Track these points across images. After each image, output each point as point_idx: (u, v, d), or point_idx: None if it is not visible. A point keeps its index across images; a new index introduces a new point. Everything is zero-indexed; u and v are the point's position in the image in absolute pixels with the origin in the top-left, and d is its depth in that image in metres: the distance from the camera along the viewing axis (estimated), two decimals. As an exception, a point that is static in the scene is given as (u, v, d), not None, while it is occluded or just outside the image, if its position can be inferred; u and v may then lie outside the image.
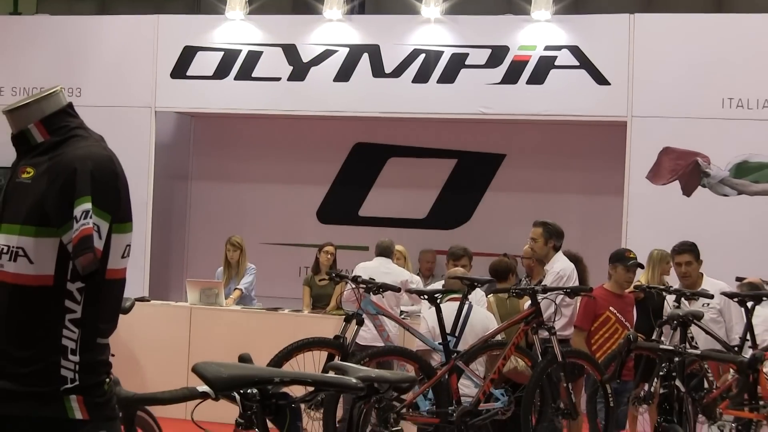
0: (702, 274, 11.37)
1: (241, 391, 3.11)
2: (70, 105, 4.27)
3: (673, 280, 11.99)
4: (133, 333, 13.99)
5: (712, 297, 10.74)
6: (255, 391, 3.82)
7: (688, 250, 11.25)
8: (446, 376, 8.99)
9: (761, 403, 9.64)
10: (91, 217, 3.84)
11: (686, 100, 16.04)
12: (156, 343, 14.76)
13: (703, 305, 10.74)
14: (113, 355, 4.21)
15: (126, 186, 4.09)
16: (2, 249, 3.94)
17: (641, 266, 11.85)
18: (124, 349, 12.05)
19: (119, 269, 3.97)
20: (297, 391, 3.94)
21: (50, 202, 3.90)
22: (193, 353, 13.71)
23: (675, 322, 9.30)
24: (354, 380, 3.25)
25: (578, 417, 10.15)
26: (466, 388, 9.40)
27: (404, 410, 8.74)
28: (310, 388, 3.33)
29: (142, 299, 15.79)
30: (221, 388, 3.08)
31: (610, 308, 11.34)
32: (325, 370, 4.64)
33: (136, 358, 14.49)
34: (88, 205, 3.85)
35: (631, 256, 11.69)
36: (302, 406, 3.41)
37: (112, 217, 3.92)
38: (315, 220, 19.60)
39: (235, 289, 15.32)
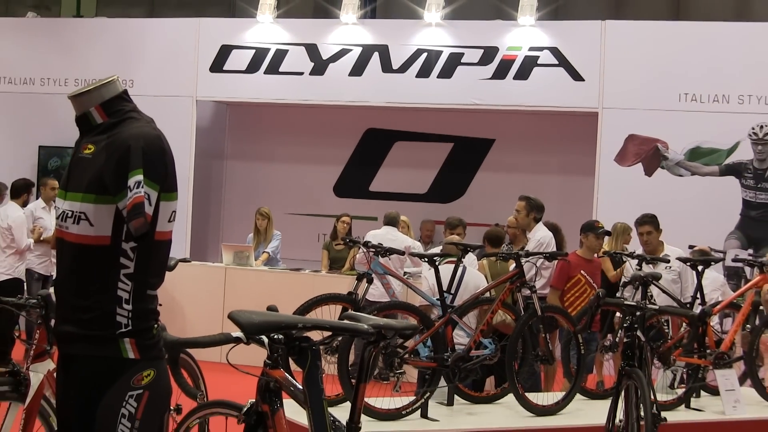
0: (662, 242, 11.43)
1: (270, 336, 3.11)
2: (125, 92, 4.28)
3: (635, 249, 12.02)
4: (177, 288, 14.05)
5: (668, 261, 10.78)
6: (281, 336, 3.84)
7: (648, 221, 11.35)
8: (443, 328, 8.99)
9: (708, 351, 9.68)
10: (142, 187, 3.85)
11: (648, 94, 16.27)
12: (196, 298, 14.85)
13: (665, 268, 10.81)
14: (161, 305, 4.22)
15: (172, 161, 4.10)
16: (67, 213, 3.95)
17: (608, 233, 11.93)
18: (169, 302, 12.06)
19: (166, 232, 3.98)
20: (317, 337, 3.96)
21: (108, 174, 3.90)
22: (227, 307, 13.73)
23: (637, 282, 9.35)
24: (366, 326, 3.25)
25: (554, 362, 10.17)
26: (460, 337, 9.40)
27: (407, 356, 8.75)
28: (328, 334, 3.33)
29: (184, 260, 15.73)
30: (253, 333, 3.09)
31: (581, 271, 11.43)
32: (340, 320, 4.64)
33: (180, 310, 14.54)
34: (140, 177, 3.86)
35: (600, 225, 11.84)
36: (321, 349, 3.41)
37: (160, 187, 3.93)
38: (332, 194, 19.70)
39: (264, 252, 15.38)
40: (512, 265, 9.64)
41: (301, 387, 3.60)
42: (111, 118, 4.15)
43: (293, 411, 4.49)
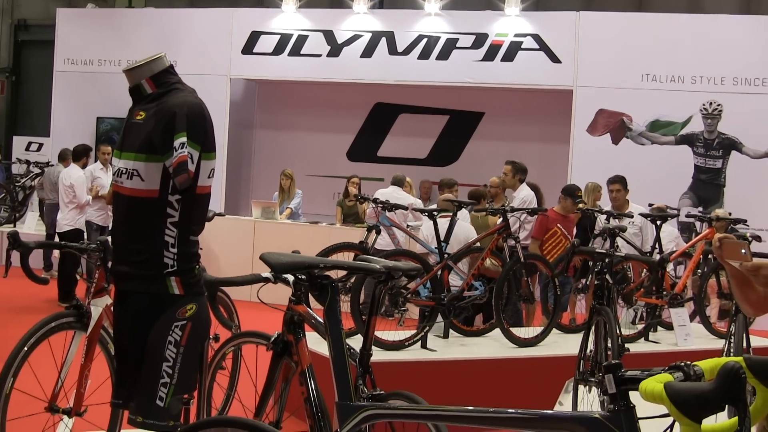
0: (628, 201, 11.43)
1: (295, 275, 3.09)
2: (171, 66, 4.27)
3: (603, 206, 12.01)
4: (213, 238, 14.07)
5: (632, 217, 10.79)
6: (303, 276, 3.81)
7: (618, 180, 11.37)
8: (440, 272, 8.97)
9: (664, 292, 9.68)
10: (186, 148, 3.83)
11: (616, 74, 16.34)
12: (229, 246, 14.88)
13: (629, 223, 10.84)
14: (201, 249, 4.21)
15: (212, 125, 4.09)
16: (122, 170, 3.93)
17: (583, 202, 11.92)
18: (207, 249, 12.05)
19: (206, 186, 3.96)
20: (334, 276, 3.93)
21: (156, 136, 3.88)
22: (256, 254, 13.67)
23: (606, 234, 9.33)
24: (377, 266, 3.23)
25: (534, 302, 10.17)
26: (454, 280, 9.38)
27: (409, 296, 8.74)
28: (344, 273, 3.30)
29: (219, 214, 15.84)
30: (280, 271, 3.07)
31: (558, 225, 11.41)
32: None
33: (216, 256, 14.55)
34: (183, 139, 3.84)
35: (579, 194, 11.84)
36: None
37: (201, 148, 3.91)
38: (345, 158, 19.77)
39: (287, 208, 15.39)
40: (499, 219, 9.63)
41: (321, 320, 3.58)
42: (159, 89, 4.14)
43: (314, 342, 4.47)
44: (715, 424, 2.21)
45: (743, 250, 3.92)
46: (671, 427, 2.15)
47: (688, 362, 2.18)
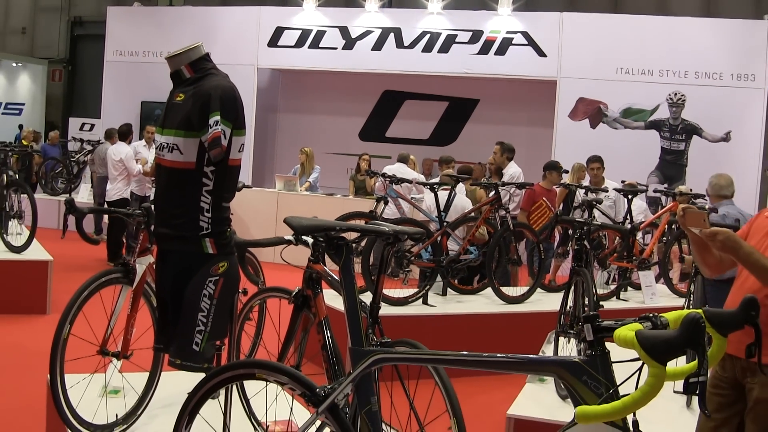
0: (604, 178, 11.47)
1: (314, 236, 3.09)
2: (207, 54, 4.26)
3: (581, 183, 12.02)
4: (242, 207, 14.11)
5: (607, 191, 10.84)
6: (322, 238, 3.82)
7: (597, 159, 11.42)
8: (439, 238, 8.98)
9: (634, 257, 9.72)
10: (219, 125, 3.83)
11: (594, 67, 16.43)
12: (256, 214, 14.91)
13: (605, 197, 10.88)
14: (232, 214, 4.21)
15: (242, 106, 4.09)
16: (163, 145, 3.93)
17: (567, 171, 11.94)
18: (236, 217, 12.07)
19: (237, 159, 3.96)
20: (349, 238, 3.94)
21: (194, 115, 3.88)
22: (278, 220, 13.72)
23: (584, 206, 9.34)
24: (387, 229, 3.23)
25: (521, 264, 10.19)
26: (452, 245, 9.39)
27: (413, 258, 8.76)
28: (357, 235, 3.30)
29: (247, 186, 15.87)
30: (301, 233, 3.07)
31: (544, 198, 11.40)
32: (365, 228, 4.62)
33: (244, 223, 14.58)
34: (217, 117, 3.84)
35: (560, 166, 11.79)
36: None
37: (232, 125, 3.91)
38: (357, 138, 19.87)
39: (306, 181, 15.37)
40: (491, 192, 9.63)
41: (336, 277, 3.57)
42: (196, 74, 4.14)
43: (330, 299, 4.48)
44: (677, 368, 2.22)
45: (703, 219, 3.96)
46: (640, 369, 2.15)
47: (656, 314, 2.19)
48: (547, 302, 9.16)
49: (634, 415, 2.19)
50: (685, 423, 5.14)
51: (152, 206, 4.53)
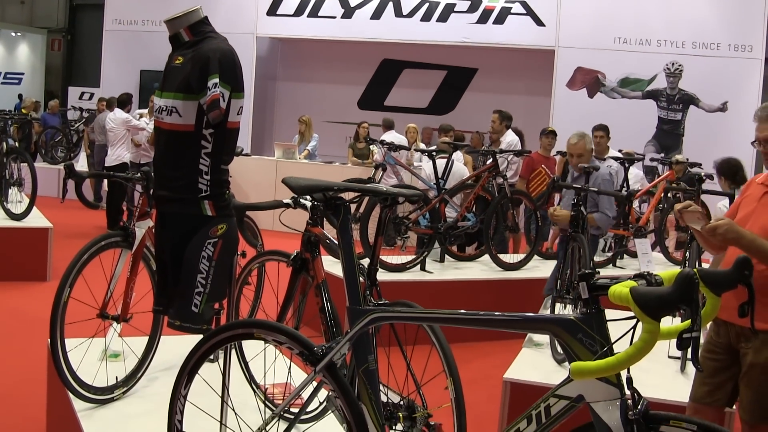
0: (609, 147, 11.45)
1: (312, 196, 3.08)
2: (206, 18, 4.24)
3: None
4: (241, 175, 14.10)
5: (605, 160, 10.83)
6: (320, 203, 3.82)
7: (602, 128, 11.36)
8: (438, 205, 8.98)
9: (630, 225, 9.72)
10: (218, 87, 3.81)
11: (592, 37, 16.38)
12: (255, 181, 14.90)
13: (607, 166, 10.87)
14: (231, 177, 4.20)
15: (241, 69, 4.07)
16: (162, 108, 3.92)
17: (554, 133, 11.90)
18: (235, 185, 12.08)
19: (235, 122, 3.94)
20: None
21: (193, 78, 3.87)
22: (278, 188, 13.77)
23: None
24: (384, 188, 3.23)
25: (518, 231, 10.21)
26: (449, 212, 9.40)
27: (411, 225, 8.76)
28: (356, 195, 3.30)
29: (246, 154, 15.89)
30: (300, 193, 3.06)
31: (543, 166, 11.39)
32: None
33: (243, 191, 14.57)
34: (216, 80, 3.82)
35: (550, 129, 11.81)
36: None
37: (231, 88, 3.89)
38: (356, 107, 19.87)
39: (305, 149, 15.36)
40: (489, 160, 9.62)
41: (334, 240, 3.57)
42: (195, 37, 4.12)
43: (328, 265, 4.49)
44: (671, 326, 2.23)
45: (699, 217, 4.05)
46: (634, 327, 2.16)
47: (650, 272, 2.19)
48: (544, 269, 9.17)
49: (629, 372, 2.20)
50: (680, 388, 5.17)
51: (151, 170, 4.53)
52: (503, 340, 8.06)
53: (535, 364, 5.92)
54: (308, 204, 4.05)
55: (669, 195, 10.26)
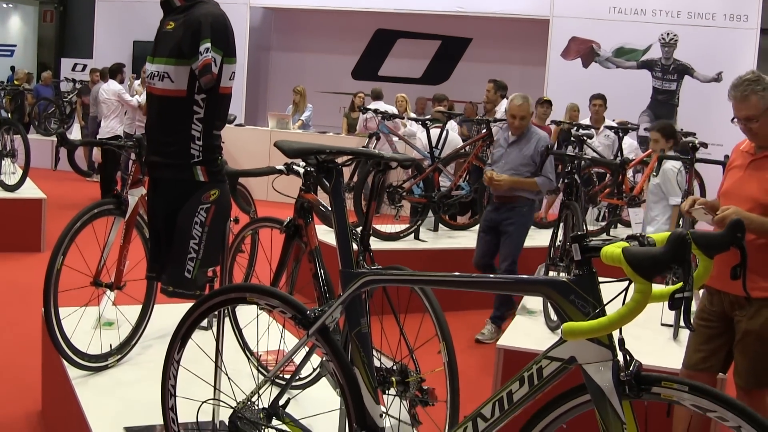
0: (605, 117, 11.47)
1: (305, 160, 3.07)
2: None
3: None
4: (235, 145, 14.07)
5: (597, 128, 10.86)
6: (313, 168, 3.81)
7: (600, 97, 11.46)
8: (431, 174, 8.98)
9: (624, 194, 9.72)
10: (210, 52, 3.79)
11: (587, 6, 16.35)
12: (248, 150, 14.86)
13: (604, 136, 10.93)
14: (223, 143, 4.18)
15: (233, 34, 4.04)
16: (154, 73, 3.90)
17: (550, 102, 11.89)
18: (229, 155, 12.05)
19: (227, 87, 3.92)
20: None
21: (185, 43, 3.84)
22: (271, 158, 13.74)
23: (575, 140, 9.35)
24: (377, 152, 3.22)
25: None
26: (443, 181, 9.40)
27: (405, 193, 8.76)
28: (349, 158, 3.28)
29: (240, 125, 15.86)
30: (292, 156, 3.04)
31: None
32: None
33: (237, 160, 14.52)
34: (208, 44, 3.80)
35: (545, 98, 11.79)
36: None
37: (223, 53, 3.87)
38: (350, 77, 19.84)
39: (299, 120, 15.34)
40: (483, 129, 9.62)
41: (327, 206, 3.56)
42: (187, 2, 4.08)
43: (321, 234, 4.49)
44: (663, 289, 2.23)
45: (704, 212, 4.15)
46: (627, 288, 2.16)
47: (643, 234, 2.19)
48: (538, 238, 9.16)
49: (620, 333, 2.20)
50: (672, 355, 5.19)
51: (144, 137, 4.51)
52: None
53: (529, 331, 5.93)
54: (301, 170, 4.04)
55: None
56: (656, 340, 5.70)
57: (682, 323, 5.74)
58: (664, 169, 7.35)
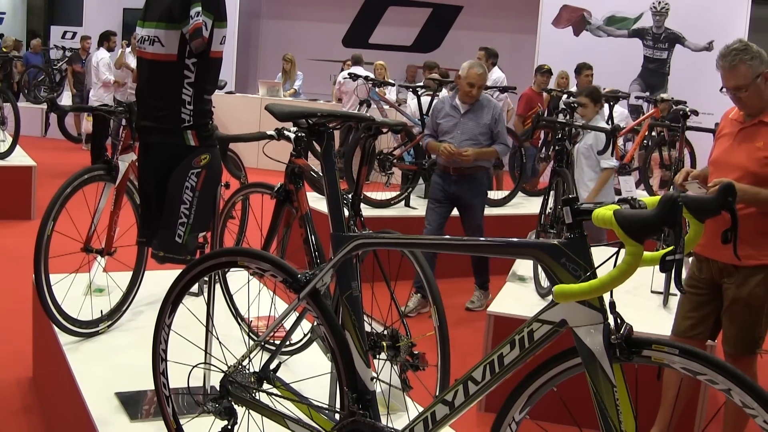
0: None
1: (296, 122, 3.06)
2: None
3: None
4: (225, 113, 14.00)
5: (582, 103, 10.86)
6: (304, 134, 3.80)
7: (589, 67, 11.35)
8: (422, 141, 8.98)
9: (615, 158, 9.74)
10: (200, 16, 3.75)
11: None
12: (239, 118, 14.73)
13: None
14: (214, 107, 4.16)
15: None
16: (144, 38, 3.87)
17: (550, 72, 11.89)
18: (220, 123, 12.00)
19: (218, 51, 3.89)
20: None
21: (175, 7, 3.79)
22: (262, 125, 13.71)
23: (566, 108, 9.33)
24: (368, 116, 3.21)
25: (502, 168, 10.22)
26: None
27: (395, 161, 8.75)
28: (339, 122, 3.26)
29: (230, 92, 15.80)
30: (283, 119, 3.02)
31: (539, 104, 11.40)
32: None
33: (228, 128, 14.47)
34: (198, 8, 3.76)
35: (546, 67, 11.78)
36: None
37: (214, 17, 3.83)
38: (340, 45, 19.76)
39: (292, 88, 15.32)
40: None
41: (319, 173, 3.55)
42: (177, -33, 4.04)
43: (313, 201, 4.48)
44: (654, 252, 2.23)
45: (698, 185, 4.15)
46: (618, 252, 2.15)
47: (634, 197, 2.19)
48: (528, 206, 9.21)
49: (611, 297, 2.20)
50: (662, 322, 5.22)
51: (134, 102, 4.48)
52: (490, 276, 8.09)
53: (519, 298, 5.95)
54: (292, 135, 4.02)
55: (653, 133, 10.26)
56: (646, 308, 5.73)
57: (672, 290, 5.77)
58: (597, 132, 7.24)
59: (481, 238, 2.50)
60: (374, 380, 2.82)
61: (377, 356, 3.16)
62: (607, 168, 7.34)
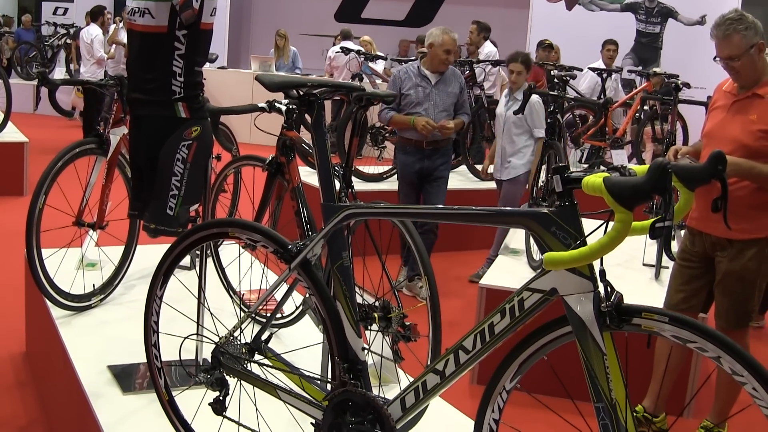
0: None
1: (287, 93, 3.04)
2: None
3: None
4: (217, 88, 13.96)
5: (581, 70, 10.84)
6: (294, 105, 3.79)
7: (612, 42, 11.82)
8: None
9: (607, 136, 9.72)
10: None
11: None
12: (231, 93, 14.64)
13: (614, 77, 11.07)
14: (205, 79, 4.14)
15: None
16: (135, 9, 3.84)
17: (551, 46, 11.87)
18: (212, 97, 11.96)
19: (209, 23, 3.86)
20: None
21: None
22: (254, 98, 13.66)
23: (558, 81, 9.32)
24: (358, 85, 3.20)
25: (494, 140, 10.21)
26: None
27: (387, 135, 8.73)
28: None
29: (222, 67, 15.76)
30: (274, 89, 3.00)
31: (544, 78, 11.46)
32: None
33: (219, 101, 14.43)
34: None
35: (548, 42, 11.78)
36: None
37: None
38: (333, 20, 19.69)
39: (297, 68, 15.30)
40: (466, 70, 9.57)
41: (310, 145, 3.54)
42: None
43: (304, 175, 4.48)
44: (644, 221, 2.23)
45: (690, 162, 4.16)
46: (608, 220, 2.15)
47: (624, 165, 2.18)
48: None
49: (602, 265, 2.20)
50: (654, 295, 5.23)
51: (125, 76, 4.46)
52: (480, 250, 8.10)
53: (512, 270, 5.96)
54: (283, 107, 4.01)
55: (646, 107, 10.26)
56: (638, 280, 5.73)
57: (664, 263, 5.78)
58: (531, 101, 6.95)
59: (474, 207, 2.50)
60: (366, 351, 2.82)
61: (369, 327, 3.16)
62: (540, 138, 7.02)
